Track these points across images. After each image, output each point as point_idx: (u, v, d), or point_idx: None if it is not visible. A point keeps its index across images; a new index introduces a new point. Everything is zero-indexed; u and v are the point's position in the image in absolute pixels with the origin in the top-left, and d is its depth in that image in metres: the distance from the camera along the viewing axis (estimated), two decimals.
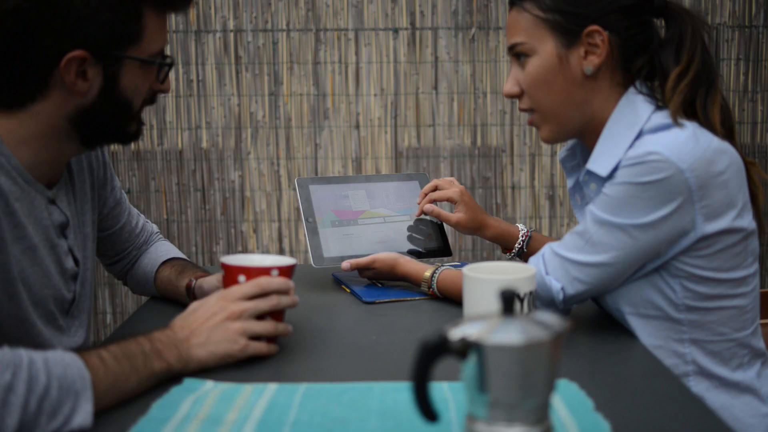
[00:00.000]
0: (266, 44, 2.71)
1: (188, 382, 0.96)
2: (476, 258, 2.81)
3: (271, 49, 2.71)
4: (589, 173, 1.18)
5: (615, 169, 1.12)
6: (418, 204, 1.50)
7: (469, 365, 0.70)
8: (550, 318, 0.73)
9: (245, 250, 2.79)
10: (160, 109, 2.72)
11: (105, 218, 1.33)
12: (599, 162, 1.15)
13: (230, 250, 2.78)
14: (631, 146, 1.12)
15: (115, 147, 2.71)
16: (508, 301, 0.71)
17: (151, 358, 0.95)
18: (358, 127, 2.75)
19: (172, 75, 2.69)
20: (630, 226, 1.09)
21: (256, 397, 0.92)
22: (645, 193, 1.07)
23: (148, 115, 2.71)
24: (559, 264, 1.15)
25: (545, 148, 2.79)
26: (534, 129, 2.74)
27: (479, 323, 0.71)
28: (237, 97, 2.72)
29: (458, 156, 2.78)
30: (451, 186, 1.47)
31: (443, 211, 1.47)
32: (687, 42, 1.15)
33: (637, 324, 1.16)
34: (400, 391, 0.92)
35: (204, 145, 2.74)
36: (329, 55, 2.72)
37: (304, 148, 2.75)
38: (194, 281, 1.29)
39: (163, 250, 1.43)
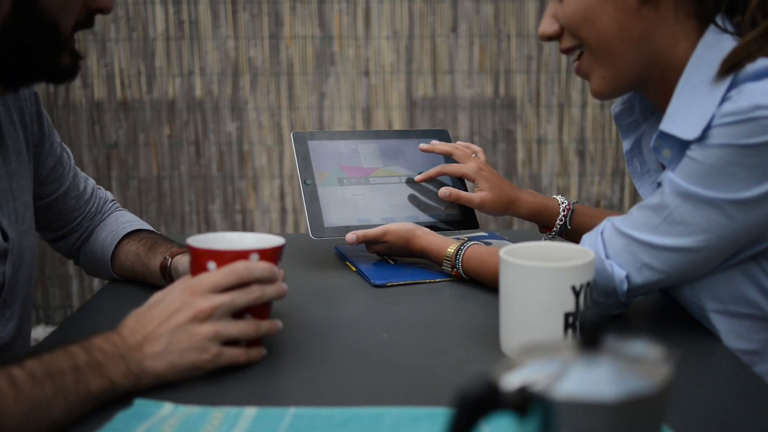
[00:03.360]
0: None
1: (139, 405, 0.75)
2: (500, 225, 2.60)
3: None
4: (664, 136, 0.93)
5: (705, 130, 0.88)
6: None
7: (531, 426, 0.46)
8: (649, 351, 0.48)
9: (243, 210, 2.60)
10: (148, 54, 2.53)
11: (44, 182, 1.12)
12: (679, 121, 0.90)
13: (227, 209, 2.61)
14: (724, 99, 0.87)
15: (98, 94, 2.51)
16: (591, 331, 0.46)
17: (87, 375, 0.73)
18: (367, 74, 2.56)
19: (161, 15, 2.48)
20: (726, 201, 0.85)
21: (228, 427, 0.71)
22: (750, 159, 0.83)
23: (135, 60, 2.51)
24: (625, 245, 0.91)
25: (575, 97, 2.56)
26: (563, 76, 2.51)
27: (545, 363, 0.47)
28: (234, 41, 2.54)
29: (478, 107, 2.58)
30: (467, 158, 1.23)
31: (463, 191, 1.24)
32: None
33: (723, 324, 0.94)
34: (419, 421, 0.72)
35: (197, 93, 2.57)
36: None
37: (308, 97, 2.57)
38: (170, 260, 1.06)
39: (125, 220, 1.20)
